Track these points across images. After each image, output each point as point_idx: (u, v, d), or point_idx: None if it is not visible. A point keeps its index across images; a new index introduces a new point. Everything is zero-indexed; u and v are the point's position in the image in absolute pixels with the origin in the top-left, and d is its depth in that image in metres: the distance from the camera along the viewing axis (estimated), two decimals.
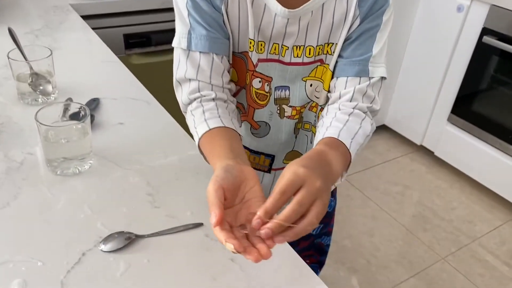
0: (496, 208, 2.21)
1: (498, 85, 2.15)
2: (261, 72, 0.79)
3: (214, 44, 0.73)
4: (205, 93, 0.74)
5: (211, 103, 0.73)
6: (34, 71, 0.99)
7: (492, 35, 2.04)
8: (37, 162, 0.83)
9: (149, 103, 1.04)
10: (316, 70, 0.80)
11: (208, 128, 0.69)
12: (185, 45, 0.74)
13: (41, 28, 1.36)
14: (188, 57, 0.74)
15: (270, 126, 0.86)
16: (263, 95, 0.82)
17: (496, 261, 1.91)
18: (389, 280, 1.78)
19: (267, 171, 0.94)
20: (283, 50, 0.77)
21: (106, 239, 0.67)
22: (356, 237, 1.98)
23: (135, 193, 0.78)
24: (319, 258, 1.14)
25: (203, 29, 0.73)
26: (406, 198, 2.24)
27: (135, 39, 1.68)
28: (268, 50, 0.77)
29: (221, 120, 0.70)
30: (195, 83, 0.74)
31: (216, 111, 0.72)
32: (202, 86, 0.74)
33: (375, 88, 0.77)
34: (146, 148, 0.89)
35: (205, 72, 0.74)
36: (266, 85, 0.80)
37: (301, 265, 0.68)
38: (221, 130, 0.69)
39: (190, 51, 0.74)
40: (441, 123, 2.36)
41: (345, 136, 0.67)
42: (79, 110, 0.83)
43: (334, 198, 1.09)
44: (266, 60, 0.78)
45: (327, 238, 1.12)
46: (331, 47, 0.77)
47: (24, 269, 0.62)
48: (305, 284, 0.65)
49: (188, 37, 0.74)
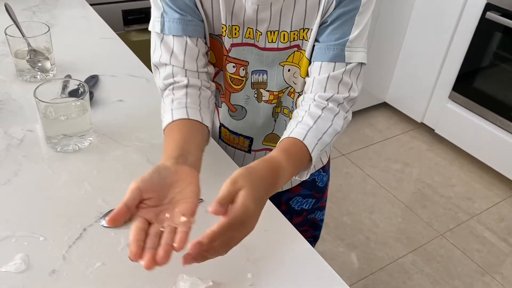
0: (495, 185, 2.22)
1: (501, 62, 2.13)
2: (235, 57, 0.78)
3: (187, 27, 0.73)
4: (178, 79, 0.74)
5: (182, 91, 0.73)
6: (32, 48, 0.98)
7: (496, 11, 2.01)
8: (37, 139, 0.83)
9: (149, 80, 1.03)
10: (293, 56, 0.79)
11: (172, 119, 0.69)
12: (158, 28, 0.74)
13: (38, 4, 1.34)
14: (162, 41, 0.74)
15: (246, 110, 0.86)
16: (238, 80, 0.81)
17: (493, 237, 1.94)
18: (387, 256, 1.81)
19: (247, 151, 0.94)
20: (257, 35, 0.76)
21: (106, 215, 0.68)
22: (356, 214, 2.00)
23: (135, 169, 0.78)
24: (313, 233, 1.16)
25: (175, 12, 0.72)
26: (406, 175, 2.25)
27: (134, 15, 1.66)
28: (243, 35, 0.76)
29: (186, 111, 0.70)
30: (169, 68, 0.74)
31: (185, 101, 0.72)
32: (176, 71, 0.74)
33: (353, 74, 0.74)
34: (146, 125, 0.89)
35: (178, 56, 0.73)
36: (241, 69, 0.80)
37: (300, 239, 0.69)
38: (182, 123, 0.69)
39: (164, 34, 0.73)
40: (442, 101, 2.36)
41: (311, 138, 0.67)
42: (78, 87, 0.82)
43: (327, 173, 1.09)
44: (242, 44, 0.77)
45: (320, 213, 1.13)
46: (307, 32, 0.76)
47: (27, 244, 0.63)
48: (304, 259, 0.66)
49: (161, 21, 0.73)
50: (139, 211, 0.55)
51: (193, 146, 0.66)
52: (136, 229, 0.53)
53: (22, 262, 0.61)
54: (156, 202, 0.56)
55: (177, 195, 0.57)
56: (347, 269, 1.74)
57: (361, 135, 2.49)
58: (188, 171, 0.60)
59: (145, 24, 1.71)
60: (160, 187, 0.57)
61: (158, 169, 0.58)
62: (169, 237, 0.53)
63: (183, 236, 0.52)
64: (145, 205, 0.56)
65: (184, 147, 0.64)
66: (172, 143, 0.65)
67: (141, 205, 0.55)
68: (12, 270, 0.59)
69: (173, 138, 0.67)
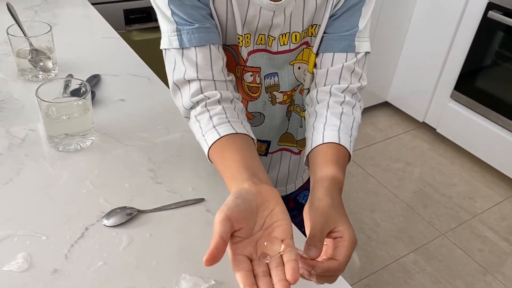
0: (496, 185, 2.22)
1: (503, 61, 2.13)
2: (251, 65, 0.77)
3: (209, 35, 0.67)
4: (209, 94, 0.67)
5: (218, 107, 0.67)
6: (34, 47, 0.98)
7: (498, 10, 2.00)
8: (39, 138, 0.83)
9: (150, 79, 1.03)
10: (302, 53, 0.80)
11: (219, 136, 0.63)
12: (177, 44, 0.67)
13: (40, 3, 1.34)
14: (183, 56, 0.68)
15: (264, 116, 0.86)
16: (256, 88, 0.81)
17: (495, 237, 1.93)
18: (389, 255, 1.81)
19: (263, 154, 0.94)
20: (269, 40, 0.75)
21: (108, 214, 0.68)
22: (357, 213, 2.00)
23: (136, 169, 0.78)
24: None
25: (190, 24, 0.67)
26: (407, 174, 2.25)
27: (135, 14, 1.66)
28: (254, 42, 0.75)
29: (231, 126, 0.64)
30: (196, 84, 0.67)
31: (225, 116, 0.66)
32: (205, 85, 0.67)
33: (361, 63, 0.75)
34: (148, 124, 0.89)
35: (205, 69, 0.67)
36: (257, 77, 0.79)
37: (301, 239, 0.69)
38: (232, 139, 0.63)
39: (184, 49, 0.67)
40: (444, 100, 2.35)
41: (344, 137, 0.68)
42: (80, 87, 0.82)
43: None
44: (253, 52, 0.76)
45: None
46: (315, 28, 0.76)
47: (29, 243, 0.63)
48: None
49: (178, 35, 0.67)
50: (235, 247, 0.50)
51: (256, 162, 0.61)
52: (243, 273, 0.48)
53: (24, 261, 0.61)
54: (248, 231, 0.51)
55: (268, 219, 0.52)
56: (348, 269, 1.74)
57: (362, 134, 2.49)
58: (269, 190, 0.54)
59: (147, 23, 1.72)
60: (248, 213, 0.51)
61: (240, 194, 0.52)
62: (280, 272, 0.48)
63: (294, 266, 0.48)
64: (239, 238, 0.50)
65: (249, 166, 0.58)
66: (234, 164, 0.59)
67: (234, 239, 0.50)
68: (14, 269, 0.60)
69: (231, 159, 0.60)
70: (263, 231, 0.51)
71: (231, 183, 0.57)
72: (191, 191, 0.74)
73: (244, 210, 0.50)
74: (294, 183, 1.00)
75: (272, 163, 0.94)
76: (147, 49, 1.33)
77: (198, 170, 0.79)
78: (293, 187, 1.01)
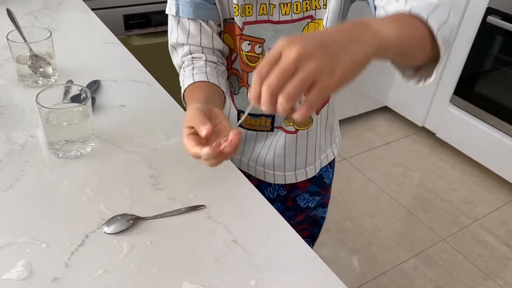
0: (497, 189, 2.22)
1: (502, 65, 2.13)
2: (249, 35, 0.81)
3: (198, 10, 0.78)
4: (196, 56, 0.81)
5: (201, 62, 0.81)
6: (34, 53, 0.98)
7: (497, 15, 2.01)
8: (39, 145, 0.83)
9: (150, 85, 1.03)
10: (307, 27, 0.80)
11: (193, 81, 0.77)
12: (174, 11, 0.79)
13: (40, 9, 1.34)
14: (178, 23, 0.81)
15: None
16: (254, 57, 0.83)
17: (496, 242, 1.93)
18: (389, 261, 1.80)
19: (270, 130, 0.94)
20: (270, 8, 0.78)
21: (109, 221, 0.68)
22: (357, 218, 1.99)
23: (137, 175, 0.78)
24: (311, 231, 1.16)
25: None
26: (407, 179, 2.25)
27: (135, 19, 1.66)
28: (256, 12, 0.78)
29: (206, 76, 0.78)
30: (187, 47, 0.81)
31: (204, 69, 0.79)
32: (193, 49, 0.81)
33: None
34: (148, 130, 0.89)
35: (195, 37, 0.80)
36: (257, 46, 0.82)
37: (303, 245, 0.69)
38: (203, 84, 0.77)
39: (180, 17, 0.79)
40: (443, 105, 2.35)
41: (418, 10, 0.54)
42: (80, 93, 0.82)
43: (333, 169, 1.10)
44: (256, 22, 0.79)
45: (322, 210, 1.13)
46: (319, 1, 0.77)
47: (29, 250, 0.63)
48: (306, 264, 0.66)
49: (176, 4, 0.79)
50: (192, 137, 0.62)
51: (216, 101, 0.74)
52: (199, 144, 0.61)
53: (24, 269, 0.60)
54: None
55: (217, 126, 0.64)
56: (349, 274, 1.74)
57: (362, 139, 2.49)
58: (219, 110, 0.66)
59: (146, 28, 1.72)
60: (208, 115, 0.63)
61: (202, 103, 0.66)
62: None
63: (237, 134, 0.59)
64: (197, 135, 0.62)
65: (208, 99, 0.71)
66: (197, 96, 0.72)
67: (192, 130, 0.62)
68: (14, 278, 0.59)
69: (197, 94, 0.73)
70: (213, 133, 0.62)
71: (191, 103, 0.69)
72: (192, 197, 0.74)
73: (206, 113, 0.63)
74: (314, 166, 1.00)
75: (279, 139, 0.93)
76: (147, 54, 1.33)
77: (198, 177, 0.79)
78: (294, 178, 1.01)
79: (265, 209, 0.74)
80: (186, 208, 0.71)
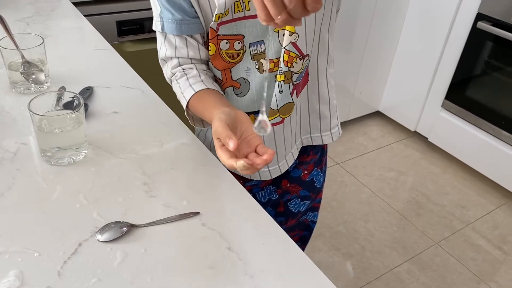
0: (489, 193, 2.23)
1: (492, 70, 2.16)
2: (226, 34, 0.81)
3: (181, 27, 0.80)
4: (186, 67, 0.84)
5: (194, 71, 0.83)
6: (26, 60, 0.97)
7: (487, 21, 2.03)
8: (31, 152, 0.82)
9: (144, 91, 1.03)
10: None
11: (194, 91, 0.79)
12: (160, 28, 0.82)
13: (32, 15, 1.33)
14: (165, 39, 0.83)
15: (249, 82, 0.87)
16: (235, 54, 0.84)
17: (488, 245, 1.94)
18: (383, 265, 1.81)
19: None
20: (245, 4, 0.79)
21: (102, 229, 0.67)
22: (351, 223, 1.99)
23: (130, 182, 0.77)
24: (302, 234, 1.16)
25: (169, 13, 0.79)
26: (400, 183, 2.26)
27: (128, 26, 1.66)
28: (232, 11, 0.79)
29: (204, 83, 0.81)
30: (175, 60, 0.84)
31: (199, 77, 0.82)
32: (182, 61, 0.84)
33: None
34: (141, 137, 0.88)
35: (181, 50, 0.82)
36: (236, 43, 0.83)
37: (297, 251, 0.69)
38: (207, 91, 0.80)
39: (166, 33, 0.82)
40: (435, 109, 2.37)
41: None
42: (73, 99, 0.82)
43: (324, 173, 1.10)
44: (233, 20, 0.80)
45: (312, 214, 1.13)
46: None
47: (20, 260, 0.62)
48: (300, 270, 0.66)
49: (161, 21, 0.81)
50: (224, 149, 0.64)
51: (227, 101, 0.78)
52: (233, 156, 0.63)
53: (16, 278, 0.59)
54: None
55: (244, 133, 0.68)
56: (343, 279, 1.74)
57: (355, 144, 2.50)
58: (243, 114, 0.70)
59: (139, 34, 1.72)
60: (233, 126, 0.67)
61: (225, 112, 0.67)
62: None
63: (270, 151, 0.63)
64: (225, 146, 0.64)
65: (225, 103, 0.75)
66: (212, 102, 0.76)
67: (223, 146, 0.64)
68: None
69: (209, 99, 0.77)
70: (241, 140, 0.67)
71: (212, 110, 0.71)
72: (186, 204, 0.74)
73: (232, 123, 0.67)
74: (285, 160, 0.99)
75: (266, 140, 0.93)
76: (140, 60, 1.33)
77: (193, 183, 0.79)
78: (286, 165, 1.00)
79: (260, 215, 0.74)
80: (180, 215, 0.71)
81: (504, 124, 2.09)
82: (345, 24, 2.19)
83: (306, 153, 1.04)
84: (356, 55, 2.37)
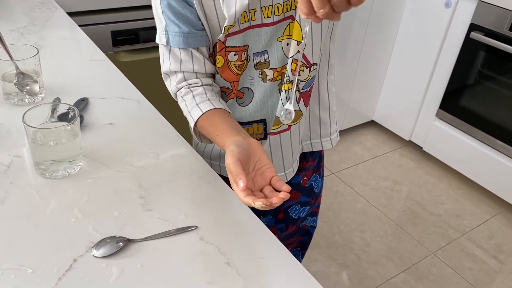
0: (484, 202, 2.24)
1: (485, 80, 2.17)
2: (233, 45, 0.81)
3: (188, 40, 0.79)
4: (192, 82, 0.82)
5: (199, 88, 0.82)
6: (20, 71, 0.96)
7: (480, 31, 2.05)
8: (24, 165, 0.81)
9: (139, 102, 1.02)
10: (289, 28, 0.81)
11: (201, 112, 0.78)
12: (164, 41, 0.80)
13: (27, 25, 1.32)
14: (170, 52, 0.81)
15: (253, 91, 0.87)
16: (241, 65, 0.84)
17: (484, 255, 1.94)
18: (379, 276, 1.80)
19: (263, 137, 0.94)
20: (251, 14, 0.79)
21: (98, 244, 0.66)
22: (347, 232, 1.98)
23: (126, 195, 0.76)
24: (302, 239, 1.15)
25: (176, 26, 0.78)
26: (395, 193, 2.25)
27: (123, 36, 1.65)
28: (238, 22, 0.79)
29: (211, 103, 0.79)
30: (180, 74, 0.82)
31: (205, 95, 0.81)
32: (187, 76, 0.82)
33: None
34: (137, 149, 0.87)
35: (187, 64, 0.81)
36: (243, 54, 0.82)
37: (297, 265, 0.68)
38: (214, 112, 0.78)
39: (171, 46, 0.80)
40: (429, 119, 2.38)
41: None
42: (68, 111, 0.81)
43: (322, 179, 1.09)
44: (240, 32, 0.80)
45: (311, 219, 1.13)
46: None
47: (13, 277, 0.61)
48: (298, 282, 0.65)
49: (166, 34, 0.79)
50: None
51: (238, 125, 0.76)
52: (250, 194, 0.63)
53: None
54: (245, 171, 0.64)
55: (257, 164, 0.67)
56: None
57: (350, 153, 2.50)
58: (255, 142, 0.69)
59: (134, 45, 1.71)
60: (246, 158, 0.66)
61: (238, 144, 0.67)
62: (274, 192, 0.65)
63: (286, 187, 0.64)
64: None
65: (235, 127, 0.74)
66: (222, 127, 0.74)
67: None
68: None
69: (219, 123, 0.76)
70: (255, 172, 0.67)
71: (224, 137, 0.72)
72: (183, 218, 0.73)
73: (245, 155, 0.66)
74: (292, 168, 0.99)
75: (272, 145, 0.93)
76: (135, 70, 1.32)
77: (190, 196, 0.77)
78: (292, 172, 1.00)
79: (258, 229, 0.73)
80: (177, 229, 0.70)
81: (498, 134, 2.10)
82: (339, 34, 2.20)
83: (305, 159, 1.04)
84: (351, 65, 2.37)
